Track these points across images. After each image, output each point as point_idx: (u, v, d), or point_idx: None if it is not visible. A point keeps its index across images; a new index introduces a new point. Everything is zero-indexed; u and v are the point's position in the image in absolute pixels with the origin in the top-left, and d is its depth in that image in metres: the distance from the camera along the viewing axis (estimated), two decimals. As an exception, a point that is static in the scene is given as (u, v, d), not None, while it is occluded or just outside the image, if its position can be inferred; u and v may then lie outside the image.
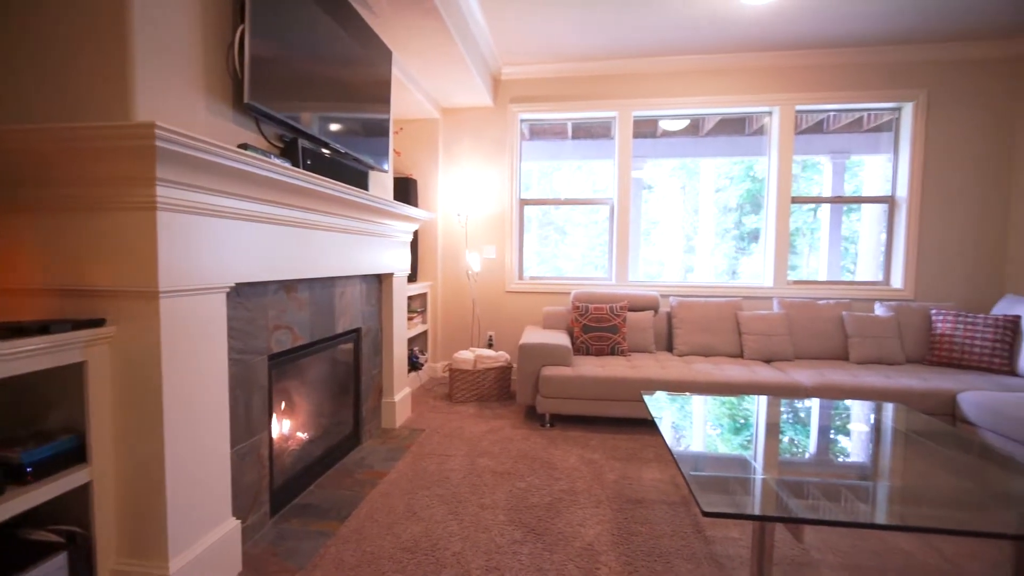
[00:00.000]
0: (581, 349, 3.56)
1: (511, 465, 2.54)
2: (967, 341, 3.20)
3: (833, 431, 1.85)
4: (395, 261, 3.02)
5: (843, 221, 4.45)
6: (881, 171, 4.04)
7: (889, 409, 2.12)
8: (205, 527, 1.53)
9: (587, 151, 4.54)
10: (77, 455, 1.33)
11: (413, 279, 4.16)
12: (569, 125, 4.39)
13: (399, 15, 2.63)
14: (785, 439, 1.75)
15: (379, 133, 2.73)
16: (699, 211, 4.94)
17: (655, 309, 3.79)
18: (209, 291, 1.51)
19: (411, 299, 4.01)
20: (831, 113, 4.05)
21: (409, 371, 3.86)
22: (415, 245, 4.18)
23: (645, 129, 4.32)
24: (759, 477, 1.42)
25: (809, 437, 1.79)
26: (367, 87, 2.54)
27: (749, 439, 1.74)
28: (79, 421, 1.33)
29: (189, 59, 1.49)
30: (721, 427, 1.86)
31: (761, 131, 4.10)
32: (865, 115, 4.01)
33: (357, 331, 2.75)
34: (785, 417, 2.00)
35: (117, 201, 1.31)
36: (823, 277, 4.47)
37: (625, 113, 4.07)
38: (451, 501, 2.16)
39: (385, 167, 2.83)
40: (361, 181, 2.55)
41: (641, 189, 4.52)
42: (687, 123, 4.30)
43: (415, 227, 3.21)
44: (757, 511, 1.23)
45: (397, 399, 3.11)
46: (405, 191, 3.94)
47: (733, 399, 2.24)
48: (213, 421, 1.56)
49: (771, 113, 3.98)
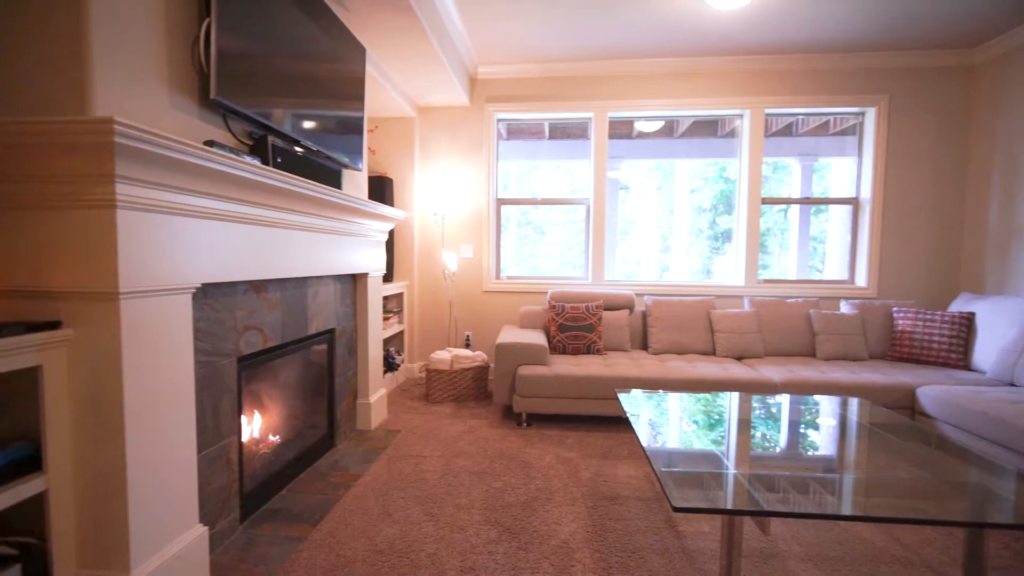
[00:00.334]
0: (558, 348, 3.58)
1: (487, 465, 2.54)
2: (926, 337, 3.34)
3: (801, 426, 1.91)
4: (370, 261, 2.98)
5: (812, 221, 4.59)
6: (848, 173, 4.18)
7: (854, 404, 2.19)
8: (170, 534, 1.49)
9: (564, 151, 4.57)
10: (32, 463, 1.28)
11: (389, 279, 4.12)
12: (546, 125, 4.41)
13: (373, 12, 2.60)
14: (756, 434, 1.80)
15: (353, 131, 2.70)
16: (675, 211, 5.03)
17: (631, 308, 3.84)
18: (174, 292, 1.47)
19: (387, 299, 3.97)
20: (800, 117, 4.17)
21: (385, 372, 3.82)
22: (391, 245, 4.13)
23: (621, 130, 4.37)
24: (730, 472, 1.45)
25: (779, 432, 1.84)
26: (340, 84, 2.50)
27: (721, 435, 1.78)
28: (34, 428, 1.28)
29: (152, 53, 1.44)
30: (694, 423, 1.90)
31: (733, 133, 4.19)
32: (832, 119, 4.14)
33: (331, 332, 2.71)
34: (756, 413, 2.05)
35: (74, 199, 1.26)
36: (793, 276, 4.61)
37: (601, 114, 4.11)
38: (427, 502, 2.15)
39: (359, 165, 2.79)
40: (334, 180, 2.51)
41: (618, 189, 4.58)
42: (662, 125, 4.37)
43: (391, 226, 3.18)
44: (727, 505, 1.25)
45: (373, 400, 3.08)
46: (380, 190, 3.89)
47: (706, 396, 2.29)
48: (178, 425, 1.52)
49: (742, 116, 4.07)
